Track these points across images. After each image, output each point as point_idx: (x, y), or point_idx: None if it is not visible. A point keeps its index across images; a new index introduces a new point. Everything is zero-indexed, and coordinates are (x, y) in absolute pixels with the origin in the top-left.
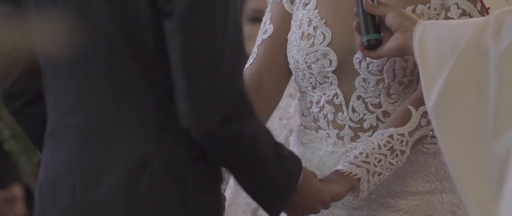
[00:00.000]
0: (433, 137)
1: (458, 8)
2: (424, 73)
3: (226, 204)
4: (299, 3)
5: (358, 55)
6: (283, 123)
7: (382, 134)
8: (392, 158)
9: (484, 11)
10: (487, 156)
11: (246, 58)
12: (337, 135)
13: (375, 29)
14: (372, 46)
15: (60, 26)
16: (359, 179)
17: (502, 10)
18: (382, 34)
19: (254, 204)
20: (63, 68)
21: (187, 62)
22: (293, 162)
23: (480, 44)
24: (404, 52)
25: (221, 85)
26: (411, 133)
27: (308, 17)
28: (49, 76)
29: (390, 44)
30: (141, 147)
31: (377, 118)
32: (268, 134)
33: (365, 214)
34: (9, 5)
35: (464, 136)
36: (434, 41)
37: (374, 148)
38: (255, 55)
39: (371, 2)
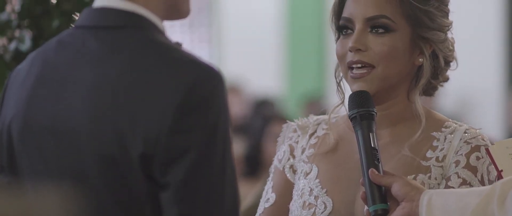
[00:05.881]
0: None
1: (459, 177)
2: None
3: None
4: (301, 172)
5: None
6: None
7: None
8: None
9: (497, 174)
10: None
11: None
12: None
13: (381, 199)
14: None
15: (56, 198)
16: None
17: (507, 179)
18: (388, 203)
19: None
20: None
21: None
22: None
23: (486, 214)
24: None
25: None
26: None
27: (309, 187)
28: None
29: (397, 213)
30: None
31: None
32: None
33: None
34: (7, 175)
35: None
36: (441, 211)
37: None
38: None
39: (376, 173)
